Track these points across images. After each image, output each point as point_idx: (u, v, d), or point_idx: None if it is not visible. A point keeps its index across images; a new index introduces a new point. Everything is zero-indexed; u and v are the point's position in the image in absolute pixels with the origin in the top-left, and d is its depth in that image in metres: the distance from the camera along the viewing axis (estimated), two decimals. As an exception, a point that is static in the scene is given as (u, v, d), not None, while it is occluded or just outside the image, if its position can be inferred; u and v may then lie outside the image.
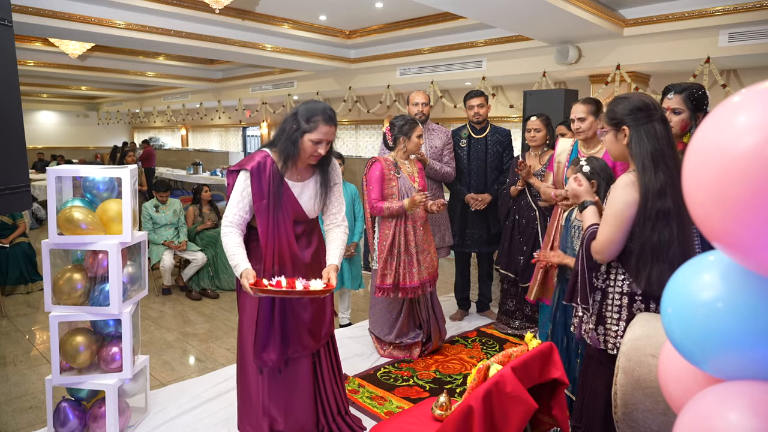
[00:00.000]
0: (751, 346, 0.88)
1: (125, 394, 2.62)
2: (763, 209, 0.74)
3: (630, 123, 1.79)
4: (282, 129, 2.17)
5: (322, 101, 2.21)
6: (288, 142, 2.12)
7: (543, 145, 3.58)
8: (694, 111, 2.26)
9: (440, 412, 1.93)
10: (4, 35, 1.92)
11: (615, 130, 1.85)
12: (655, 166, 1.72)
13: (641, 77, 6.19)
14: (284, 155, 2.14)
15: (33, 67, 9.31)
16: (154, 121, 16.87)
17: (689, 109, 2.25)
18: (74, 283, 2.43)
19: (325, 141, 2.13)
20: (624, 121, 1.81)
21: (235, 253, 2.09)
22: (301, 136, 2.11)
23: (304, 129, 2.11)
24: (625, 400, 1.59)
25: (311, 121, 2.10)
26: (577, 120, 2.89)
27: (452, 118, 8.97)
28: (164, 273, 4.88)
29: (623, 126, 1.81)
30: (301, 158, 2.18)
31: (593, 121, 2.89)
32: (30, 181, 2.13)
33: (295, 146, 2.13)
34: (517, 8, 4.54)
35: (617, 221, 1.77)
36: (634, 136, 1.78)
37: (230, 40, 6.79)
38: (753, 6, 4.62)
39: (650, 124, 1.77)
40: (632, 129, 1.79)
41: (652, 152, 1.73)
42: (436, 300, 3.52)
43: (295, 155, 2.14)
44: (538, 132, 3.54)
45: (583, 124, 2.89)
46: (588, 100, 2.95)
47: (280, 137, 2.15)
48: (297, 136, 2.12)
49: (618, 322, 1.86)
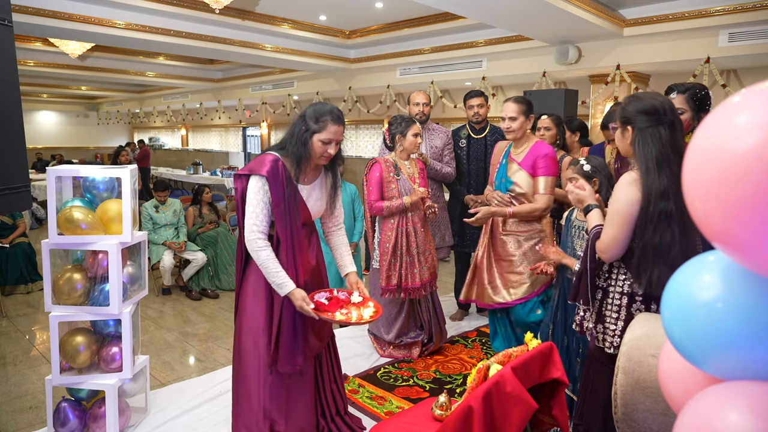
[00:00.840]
0: (751, 346, 0.88)
1: (125, 394, 2.62)
2: (763, 209, 0.74)
3: (636, 124, 1.79)
4: (291, 132, 2.17)
5: (328, 104, 2.22)
6: (299, 144, 2.12)
7: (552, 145, 3.57)
8: (696, 111, 2.27)
9: (440, 412, 1.93)
10: (4, 35, 1.92)
11: (622, 128, 1.85)
12: (659, 169, 1.71)
13: (641, 77, 6.19)
14: (296, 158, 2.13)
15: (33, 67, 9.32)
16: (154, 121, 16.88)
17: (692, 109, 2.25)
18: (74, 283, 2.43)
19: (334, 141, 2.15)
20: (631, 121, 1.81)
21: (278, 271, 2.07)
22: (311, 137, 2.12)
23: (313, 129, 2.11)
24: (625, 400, 1.59)
25: (320, 122, 2.11)
26: (507, 119, 2.87)
27: (452, 118, 8.98)
28: (164, 273, 4.88)
29: (629, 125, 1.81)
30: (312, 159, 2.18)
31: (524, 121, 2.89)
32: (30, 181, 2.13)
33: (306, 147, 2.13)
34: (517, 8, 4.55)
35: (620, 220, 1.77)
36: (638, 137, 1.78)
37: (230, 40, 6.79)
38: (753, 6, 4.62)
39: (655, 128, 1.75)
40: (636, 130, 1.78)
41: (657, 156, 1.72)
42: (438, 300, 3.52)
43: (308, 156, 2.15)
44: (548, 131, 3.51)
45: (514, 124, 2.88)
46: (519, 100, 2.92)
47: (290, 140, 2.15)
48: (306, 137, 2.12)
49: (617, 321, 1.86)
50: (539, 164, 2.94)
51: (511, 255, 3.08)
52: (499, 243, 3.13)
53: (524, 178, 3.00)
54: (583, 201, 2.06)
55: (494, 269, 3.14)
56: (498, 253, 3.14)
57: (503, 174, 3.08)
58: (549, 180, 2.95)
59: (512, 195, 3.04)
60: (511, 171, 3.05)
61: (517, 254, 3.06)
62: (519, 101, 2.91)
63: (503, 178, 3.07)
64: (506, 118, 2.90)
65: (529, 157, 2.97)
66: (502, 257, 3.11)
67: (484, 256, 3.20)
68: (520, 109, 2.88)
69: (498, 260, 3.14)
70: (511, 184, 3.04)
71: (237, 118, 12.46)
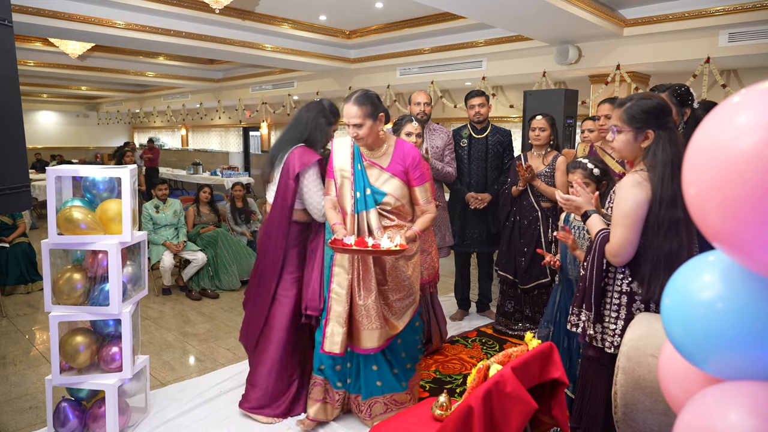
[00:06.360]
0: (751, 346, 0.88)
1: (125, 394, 2.62)
2: (763, 209, 0.74)
3: (654, 127, 1.73)
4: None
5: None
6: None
7: (547, 145, 3.57)
8: (680, 106, 2.32)
9: (440, 412, 1.93)
10: (4, 35, 1.92)
11: (635, 132, 1.77)
12: (673, 174, 1.67)
13: (641, 77, 6.19)
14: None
15: (33, 67, 9.32)
16: (154, 121, 16.88)
17: (674, 104, 2.29)
18: (74, 283, 2.43)
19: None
20: (648, 124, 1.74)
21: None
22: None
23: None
24: (625, 400, 1.59)
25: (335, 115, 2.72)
26: (352, 127, 2.38)
27: (452, 118, 8.97)
28: (164, 273, 4.88)
29: (647, 130, 1.75)
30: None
31: (372, 123, 2.39)
32: (30, 181, 2.13)
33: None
34: (517, 8, 4.54)
35: (629, 221, 1.73)
36: (661, 140, 1.71)
37: (230, 40, 6.79)
38: (753, 6, 4.62)
39: (674, 131, 1.72)
40: (656, 134, 1.72)
41: (672, 159, 1.69)
42: (437, 301, 3.51)
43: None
44: (543, 131, 3.52)
45: (361, 131, 2.38)
46: (361, 100, 2.38)
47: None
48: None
49: (616, 321, 1.86)
50: (416, 171, 2.49)
51: (403, 279, 2.57)
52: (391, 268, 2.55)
53: (398, 186, 2.47)
54: (581, 207, 2.00)
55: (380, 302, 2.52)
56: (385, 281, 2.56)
57: (365, 183, 2.46)
58: (429, 185, 2.56)
59: (386, 210, 2.49)
60: (377, 179, 2.48)
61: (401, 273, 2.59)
62: (361, 102, 2.37)
63: (367, 188, 2.46)
64: (350, 126, 2.38)
65: (397, 161, 2.48)
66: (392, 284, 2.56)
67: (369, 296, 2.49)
68: (365, 112, 2.36)
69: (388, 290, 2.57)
70: (383, 196, 2.46)
71: (237, 118, 12.45)
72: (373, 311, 2.42)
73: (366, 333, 2.43)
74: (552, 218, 3.56)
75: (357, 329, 2.45)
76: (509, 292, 3.81)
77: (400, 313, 2.54)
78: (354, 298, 2.44)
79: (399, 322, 2.53)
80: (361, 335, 2.44)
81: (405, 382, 2.64)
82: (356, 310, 2.44)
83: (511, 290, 3.80)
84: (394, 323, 2.51)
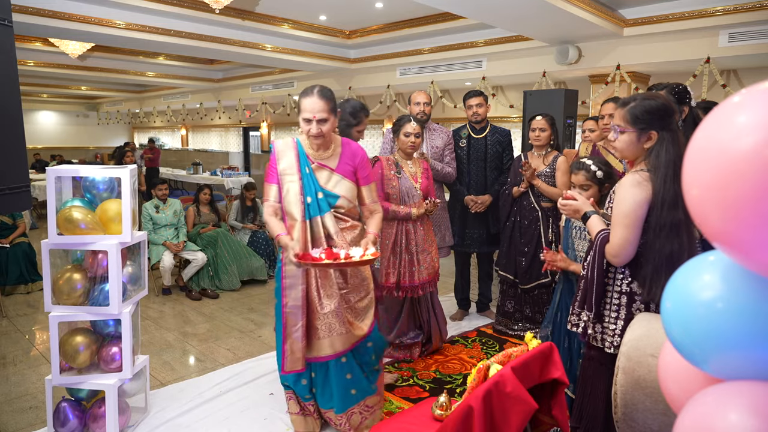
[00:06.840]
0: (751, 346, 0.88)
1: (125, 394, 2.62)
2: (763, 209, 0.74)
3: (658, 128, 1.72)
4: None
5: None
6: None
7: (547, 145, 3.57)
8: (678, 104, 2.32)
9: (440, 412, 1.93)
10: (4, 35, 1.92)
11: (639, 132, 1.76)
12: (675, 175, 1.66)
13: (641, 77, 6.19)
14: None
15: (33, 67, 9.31)
16: (154, 121, 16.88)
17: (673, 102, 2.30)
18: (74, 283, 2.43)
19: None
20: (652, 125, 1.73)
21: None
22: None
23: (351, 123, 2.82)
24: (625, 400, 1.59)
25: (357, 117, 2.86)
26: (316, 122, 2.23)
27: (452, 118, 8.97)
28: (164, 273, 4.88)
29: (651, 130, 1.73)
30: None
31: (334, 120, 2.31)
32: (30, 181, 2.13)
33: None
34: (517, 8, 4.54)
35: (629, 221, 1.73)
36: (665, 141, 1.70)
37: (230, 40, 6.79)
38: (753, 6, 4.62)
39: (677, 132, 1.71)
40: (660, 135, 1.71)
41: (675, 160, 1.68)
42: (437, 301, 3.52)
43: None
44: (543, 132, 3.51)
45: (325, 127, 2.26)
46: (325, 93, 2.25)
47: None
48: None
49: (616, 321, 1.85)
50: (364, 170, 2.44)
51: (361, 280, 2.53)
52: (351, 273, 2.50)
53: (350, 188, 2.39)
54: (580, 210, 1.99)
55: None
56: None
57: (316, 186, 2.33)
58: (374, 186, 2.53)
59: (340, 213, 2.40)
60: (328, 182, 2.36)
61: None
62: (326, 96, 2.24)
63: (319, 191, 2.33)
64: (314, 121, 2.21)
65: (346, 161, 2.40)
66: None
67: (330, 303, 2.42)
68: (330, 106, 2.24)
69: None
70: (336, 199, 2.36)
71: (237, 118, 12.45)
72: (337, 318, 2.33)
73: (326, 341, 2.33)
74: (552, 218, 3.56)
75: (317, 338, 2.35)
76: (509, 292, 3.81)
77: (362, 314, 2.46)
78: (314, 308, 2.33)
79: (363, 324, 2.44)
80: (322, 343, 2.34)
81: (374, 383, 2.56)
82: (316, 318, 2.32)
83: (511, 290, 3.80)
84: (358, 325, 2.43)
